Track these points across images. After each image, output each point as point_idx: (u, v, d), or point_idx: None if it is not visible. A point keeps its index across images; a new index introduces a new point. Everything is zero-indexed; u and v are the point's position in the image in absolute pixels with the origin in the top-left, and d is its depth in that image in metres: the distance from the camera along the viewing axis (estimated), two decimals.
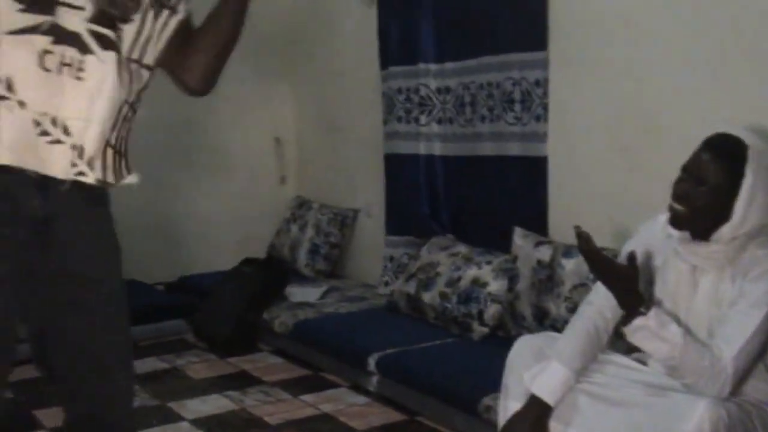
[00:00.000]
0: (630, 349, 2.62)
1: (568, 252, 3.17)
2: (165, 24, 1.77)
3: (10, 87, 1.61)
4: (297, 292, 4.24)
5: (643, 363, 2.35)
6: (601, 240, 3.09)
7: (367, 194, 4.60)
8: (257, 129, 5.16)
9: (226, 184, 5.05)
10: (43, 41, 1.61)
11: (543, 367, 2.30)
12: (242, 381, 3.68)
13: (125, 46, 1.70)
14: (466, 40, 3.80)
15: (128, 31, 1.71)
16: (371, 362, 3.34)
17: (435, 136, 4.01)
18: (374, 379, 3.36)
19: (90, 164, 1.67)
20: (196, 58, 1.84)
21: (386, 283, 4.22)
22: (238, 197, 5.09)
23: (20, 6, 1.61)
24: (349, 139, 4.77)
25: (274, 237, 5.00)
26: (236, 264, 4.43)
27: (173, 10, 1.78)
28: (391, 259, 4.27)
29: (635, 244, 2.30)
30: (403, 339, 3.46)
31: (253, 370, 3.82)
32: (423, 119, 4.04)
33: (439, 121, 3.98)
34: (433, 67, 3.98)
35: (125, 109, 1.74)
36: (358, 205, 4.70)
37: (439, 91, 3.97)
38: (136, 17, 1.72)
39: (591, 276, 3.02)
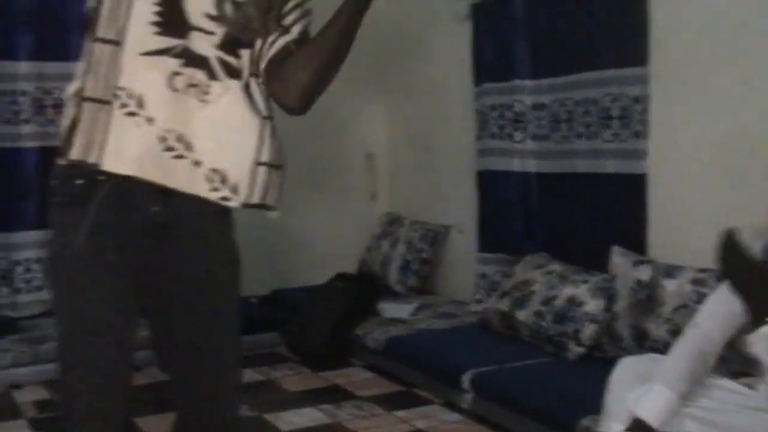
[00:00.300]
0: (737, 374, 2.54)
1: (669, 272, 3.10)
2: (273, 43, 1.81)
3: (140, 104, 1.68)
4: (389, 308, 4.25)
5: (752, 388, 2.28)
6: (703, 260, 3.05)
7: (458, 211, 4.60)
8: (350, 145, 5.22)
9: (319, 200, 5.11)
10: (173, 63, 1.69)
11: (647, 390, 2.25)
12: (335, 395, 3.71)
13: (245, 72, 1.76)
14: (562, 56, 3.77)
15: (246, 55, 1.77)
16: (465, 380, 3.32)
17: (530, 152, 3.98)
18: (468, 396, 3.34)
19: (235, 190, 1.74)
20: (295, 77, 1.81)
21: (478, 301, 4.20)
22: (330, 213, 5.14)
23: (156, 29, 1.69)
24: (440, 156, 4.78)
25: (364, 253, 5.04)
26: (328, 279, 4.47)
27: (286, 31, 1.82)
28: (484, 276, 4.25)
29: None
30: (497, 357, 3.43)
31: (346, 385, 3.84)
32: (517, 136, 4.02)
33: (534, 138, 3.95)
34: (528, 83, 3.96)
35: (267, 125, 1.80)
36: (449, 222, 4.69)
37: (534, 107, 3.94)
38: (259, 43, 1.78)
39: (694, 297, 2.97)
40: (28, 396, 3.74)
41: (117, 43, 1.70)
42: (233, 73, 1.75)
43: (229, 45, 1.76)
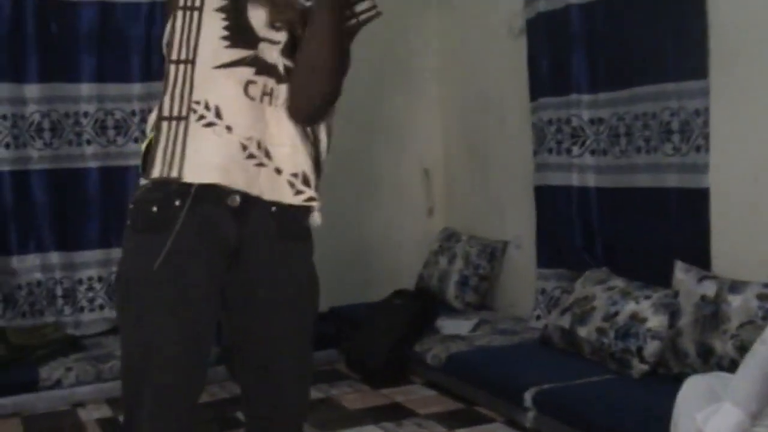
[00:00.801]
0: None
1: (734, 287, 3.05)
2: None
3: (218, 114, 1.73)
4: (448, 325, 4.25)
5: None
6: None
7: (516, 226, 4.58)
8: (407, 160, 5.23)
9: (376, 215, 5.13)
10: (247, 72, 1.75)
11: (716, 409, 2.22)
12: (396, 412, 3.71)
13: None
14: (620, 70, 3.74)
15: None
16: (527, 397, 3.30)
17: (588, 167, 3.95)
18: (530, 414, 3.32)
19: (317, 189, 1.79)
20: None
21: (538, 317, 4.18)
22: (388, 228, 5.16)
23: (227, 43, 1.76)
24: (497, 171, 4.76)
25: (422, 268, 5.04)
26: (386, 295, 4.48)
27: None
28: (543, 292, 4.23)
29: None
30: (559, 374, 3.40)
31: (406, 402, 3.84)
32: (575, 150, 3.99)
33: (593, 153, 3.92)
34: (585, 97, 3.93)
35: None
36: (507, 237, 4.67)
37: (591, 122, 3.92)
38: None
39: (760, 313, 2.92)
40: (92, 414, 3.82)
41: (190, 61, 1.76)
42: (290, 74, 1.80)
43: (288, 51, 1.81)
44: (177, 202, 1.72)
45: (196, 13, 1.77)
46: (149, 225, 1.75)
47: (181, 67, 1.76)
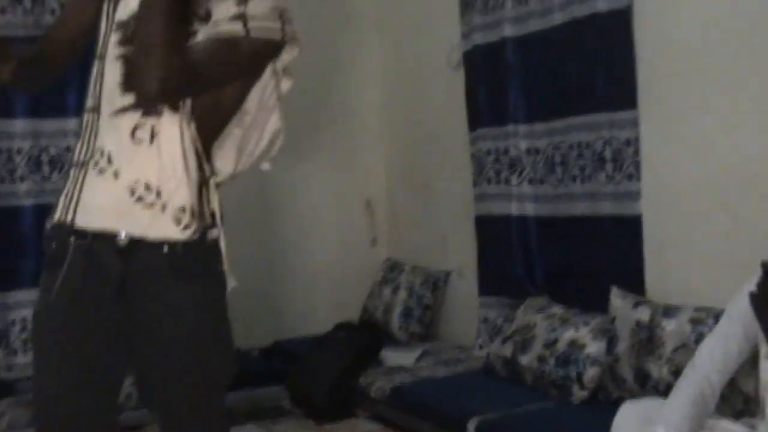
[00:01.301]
0: (738, 414, 2.55)
1: (668, 312, 3.11)
2: None
3: (110, 160, 1.80)
4: (392, 356, 4.25)
5: (753, 428, 2.28)
6: (700, 299, 3.06)
7: (458, 255, 4.61)
8: (348, 191, 5.24)
9: (319, 247, 5.12)
10: (134, 117, 1.78)
11: None
12: None
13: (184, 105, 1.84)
14: (554, 101, 3.82)
15: None
16: (471, 427, 3.30)
17: (526, 196, 4.00)
18: None
19: (192, 217, 1.79)
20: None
21: (481, 346, 4.20)
22: (330, 260, 5.16)
23: (122, 89, 1.80)
24: (439, 201, 4.81)
25: (366, 300, 5.04)
26: (330, 328, 4.48)
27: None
28: (486, 320, 4.26)
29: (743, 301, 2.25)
30: (502, 403, 3.42)
31: None
32: (514, 180, 4.05)
33: (531, 182, 3.98)
34: (522, 128, 4.00)
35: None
36: (450, 267, 4.71)
37: (528, 151, 3.98)
38: None
39: (693, 337, 2.97)
40: None
41: (96, 109, 1.84)
42: (174, 107, 1.82)
43: None
44: (71, 239, 1.80)
45: (101, 62, 1.85)
46: (49, 261, 1.83)
47: (89, 115, 1.85)
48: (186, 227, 1.80)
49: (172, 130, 1.80)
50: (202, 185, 1.85)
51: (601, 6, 3.51)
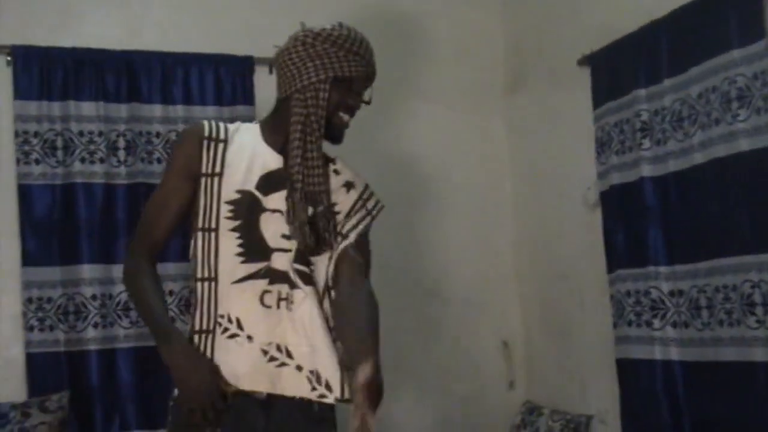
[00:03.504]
0: None
1: None
2: (335, 250, 2.16)
3: (240, 325, 1.90)
4: None
5: None
6: None
7: (599, 400, 4.45)
8: (484, 332, 5.18)
9: (455, 389, 5.05)
10: (262, 284, 1.93)
11: None
12: None
13: (321, 279, 1.97)
14: (696, 242, 3.70)
15: (319, 263, 2.10)
16: None
17: (671, 340, 3.85)
18: None
19: (329, 387, 1.88)
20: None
21: None
22: (466, 403, 5.06)
23: (242, 259, 1.96)
24: (577, 343, 4.68)
25: None
26: None
27: (345, 237, 2.03)
28: None
29: None
30: None
31: None
32: (656, 323, 3.90)
33: (674, 325, 3.83)
34: (663, 269, 3.88)
35: (330, 329, 2.09)
36: (590, 411, 4.53)
37: (671, 294, 3.85)
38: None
39: None
40: None
41: (213, 279, 2.01)
42: (308, 280, 2.03)
43: (302, 256, 2.05)
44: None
45: (213, 234, 1.99)
46: (189, 421, 1.97)
47: (206, 284, 2.00)
48: (314, 389, 1.98)
49: (303, 299, 1.95)
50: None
51: (744, 145, 3.43)
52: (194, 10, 4.72)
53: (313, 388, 1.96)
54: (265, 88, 3.50)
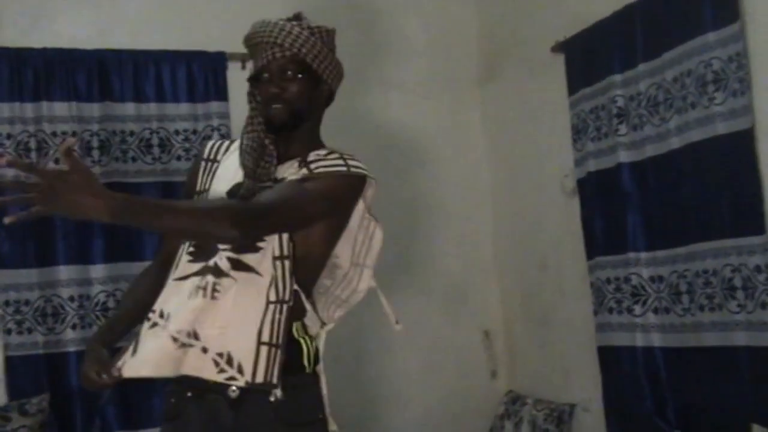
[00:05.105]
0: None
1: None
2: None
3: (162, 315, 2.03)
4: None
5: None
6: None
7: (583, 388, 4.44)
8: (465, 323, 5.17)
9: (437, 381, 5.03)
10: (197, 279, 1.98)
11: None
12: None
13: (265, 263, 2.07)
14: (675, 228, 3.70)
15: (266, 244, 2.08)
16: None
17: (652, 326, 3.84)
18: None
19: (240, 370, 1.89)
20: None
21: None
22: (449, 394, 5.05)
23: (190, 258, 2.10)
24: (559, 331, 4.68)
25: None
26: None
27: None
28: None
29: None
30: None
31: None
32: (637, 309, 3.90)
33: (655, 311, 3.83)
34: (643, 255, 3.88)
35: (273, 308, 2.04)
36: (573, 400, 4.53)
37: (652, 280, 3.84)
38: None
39: None
40: None
41: (168, 279, 2.10)
42: (244, 267, 2.01)
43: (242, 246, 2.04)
44: (189, 393, 2.05)
45: (185, 243, 2.15)
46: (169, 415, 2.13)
47: (170, 282, 2.11)
48: (222, 371, 1.99)
49: (233, 283, 2.03)
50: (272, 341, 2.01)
51: (721, 128, 3.42)
52: (165, 7, 4.66)
53: (221, 370, 1.95)
54: (239, 83, 3.47)
